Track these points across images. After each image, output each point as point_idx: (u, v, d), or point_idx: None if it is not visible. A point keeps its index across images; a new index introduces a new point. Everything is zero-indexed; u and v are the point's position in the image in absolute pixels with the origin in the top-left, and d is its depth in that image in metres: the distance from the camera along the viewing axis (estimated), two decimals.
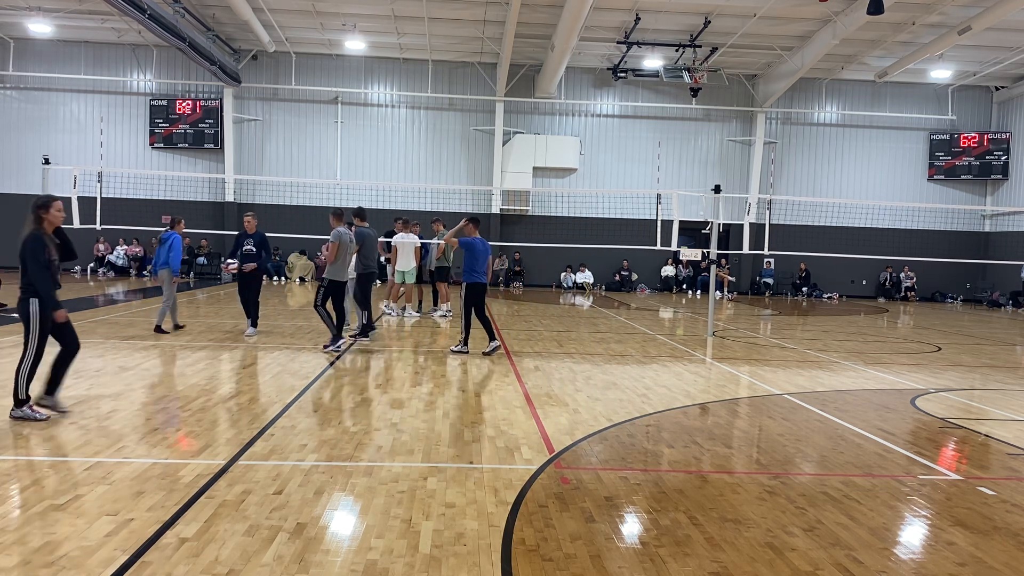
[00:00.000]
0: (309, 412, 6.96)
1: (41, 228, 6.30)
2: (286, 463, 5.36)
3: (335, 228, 10.65)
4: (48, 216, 6.33)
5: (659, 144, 27.48)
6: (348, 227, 11.16)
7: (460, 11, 21.95)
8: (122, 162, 26.00)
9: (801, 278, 27.44)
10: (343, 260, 10.69)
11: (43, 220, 6.32)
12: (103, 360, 9.19)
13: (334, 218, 10.84)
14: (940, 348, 13.61)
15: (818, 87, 27.50)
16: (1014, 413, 8.14)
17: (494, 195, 26.54)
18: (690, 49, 23.51)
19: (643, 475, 5.42)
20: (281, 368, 9.19)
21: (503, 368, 9.72)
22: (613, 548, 4.10)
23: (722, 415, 7.62)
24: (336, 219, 10.80)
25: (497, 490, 4.95)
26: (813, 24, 22.14)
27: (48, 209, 6.34)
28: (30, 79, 26.00)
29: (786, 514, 4.71)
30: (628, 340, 13.08)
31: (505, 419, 6.94)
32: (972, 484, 5.50)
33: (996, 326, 18.79)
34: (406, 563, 3.80)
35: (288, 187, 25.94)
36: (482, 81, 26.59)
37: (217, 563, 3.71)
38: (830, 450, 6.30)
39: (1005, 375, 10.87)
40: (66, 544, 3.86)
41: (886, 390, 9.22)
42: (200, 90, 26.50)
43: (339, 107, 26.70)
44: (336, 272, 10.66)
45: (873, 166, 27.95)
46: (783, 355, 12.02)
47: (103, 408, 6.81)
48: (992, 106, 28.14)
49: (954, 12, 20.59)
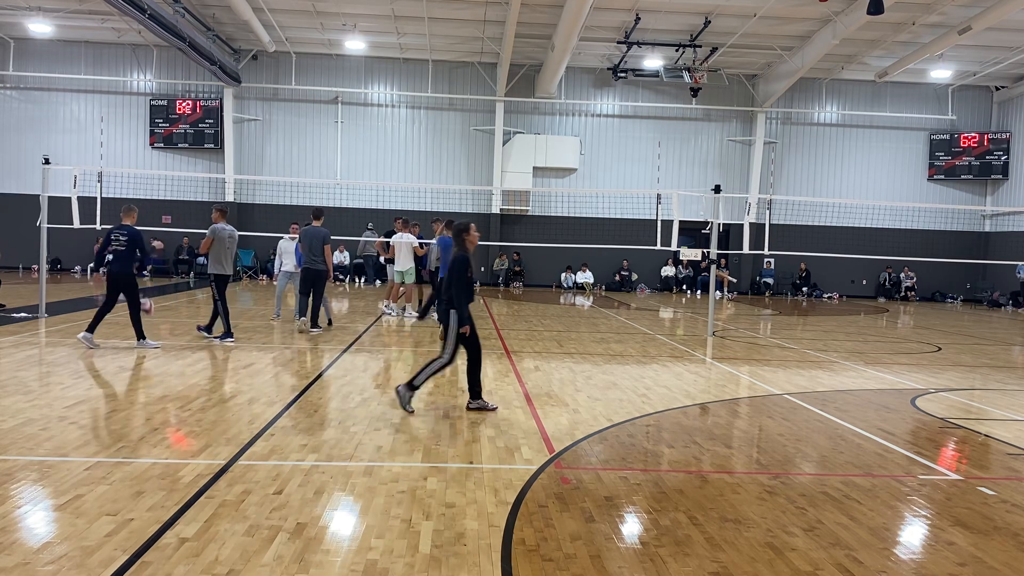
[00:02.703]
0: (309, 412, 6.96)
1: (466, 249, 7.10)
2: (286, 463, 5.36)
3: (215, 223, 11.18)
4: (469, 238, 7.13)
5: (659, 144, 27.48)
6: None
7: (460, 11, 21.95)
8: (122, 162, 26.00)
9: (801, 278, 27.45)
10: (220, 254, 11.12)
11: (465, 242, 7.11)
12: (103, 360, 9.19)
13: (217, 213, 11.35)
14: (940, 348, 13.61)
15: (818, 87, 27.50)
16: (1014, 413, 8.14)
17: (494, 195, 26.54)
18: (690, 49, 23.51)
19: (643, 475, 5.42)
20: (281, 368, 9.19)
21: (503, 368, 9.71)
22: (613, 548, 4.10)
23: (722, 415, 7.62)
24: (219, 215, 11.34)
25: (497, 490, 4.95)
26: (813, 24, 22.14)
27: (469, 232, 7.14)
28: (30, 79, 26.00)
29: (786, 514, 4.71)
30: (628, 340, 13.08)
31: (505, 419, 6.94)
32: (972, 484, 5.50)
33: (996, 326, 18.79)
34: (406, 563, 3.80)
35: (288, 187, 25.95)
36: (482, 81, 26.59)
37: (217, 563, 3.71)
38: (830, 450, 6.30)
39: (1005, 375, 10.87)
40: (66, 544, 3.86)
41: (886, 390, 9.22)
42: (200, 90, 26.50)
43: (339, 107, 26.70)
44: (215, 266, 11.16)
45: (873, 166, 27.95)
46: (783, 355, 12.02)
47: (103, 408, 6.81)
48: (992, 106, 28.14)
49: (954, 12, 20.58)
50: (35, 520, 4.21)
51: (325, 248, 12.36)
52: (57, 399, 7.10)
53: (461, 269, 6.96)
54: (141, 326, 10.39)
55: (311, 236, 12.33)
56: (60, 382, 7.90)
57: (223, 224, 11.21)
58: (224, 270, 11.21)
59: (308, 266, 12.37)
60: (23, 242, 22.17)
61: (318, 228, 12.39)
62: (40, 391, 7.43)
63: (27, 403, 6.86)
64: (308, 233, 12.37)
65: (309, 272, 12.39)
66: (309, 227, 12.44)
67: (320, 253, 12.33)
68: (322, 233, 12.33)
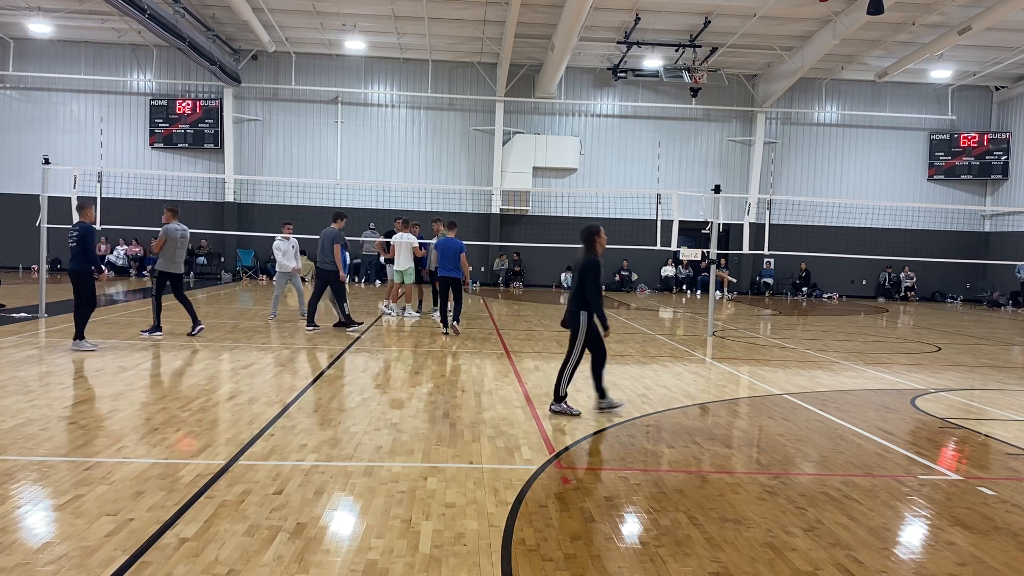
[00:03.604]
0: (309, 412, 6.96)
1: (596, 252, 7.19)
2: (286, 463, 5.36)
3: (167, 223, 11.37)
4: (599, 240, 7.22)
5: (659, 144, 27.48)
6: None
7: (460, 11, 21.94)
8: (122, 162, 25.99)
9: (801, 278, 27.45)
10: (172, 253, 11.34)
11: (595, 245, 7.20)
12: (103, 360, 9.19)
13: (168, 213, 11.53)
14: (940, 348, 13.60)
15: (818, 87, 27.50)
16: (1014, 413, 8.14)
17: (494, 195, 26.53)
18: (690, 49, 23.50)
19: (643, 475, 5.42)
20: (281, 368, 9.19)
21: (503, 368, 9.71)
22: (613, 548, 4.10)
23: (722, 415, 7.62)
24: (171, 214, 11.51)
25: (497, 490, 4.95)
26: (813, 24, 22.14)
27: (599, 235, 7.23)
28: (30, 79, 25.99)
29: (786, 514, 4.71)
30: (628, 340, 13.08)
31: (505, 419, 6.94)
32: (972, 484, 5.50)
33: (996, 326, 18.79)
34: (406, 563, 3.80)
35: (288, 187, 25.95)
36: (482, 81, 26.59)
37: (217, 563, 3.71)
38: (830, 450, 6.30)
39: (1005, 375, 10.87)
40: (66, 544, 3.86)
41: (886, 390, 9.22)
42: (200, 90, 26.49)
43: (339, 107, 26.69)
44: (166, 264, 11.36)
45: (873, 166, 27.94)
46: (783, 355, 12.02)
47: (103, 408, 6.81)
48: (992, 106, 28.14)
49: (954, 12, 20.58)
50: (35, 520, 4.21)
51: (335, 248, 12.64)
52: (57, 399, 7.10)
53: (595, 273, 7.07)
54: (83, 326, 9.98)
55: (323, 236, 12.84)
56: (60, 382, 7.91)
57: (175, 224, 11.44)
58: (176, 269, 11.43)
59: (320, 266, 12.90)
60: (23, 242, 22.19)
61: (328, 228, 12.88)
62: (40, 391, 7.43)
63: (27, 403, 6.86)
64: (323, 234, 12.89)
65: (320, 272, 12.91)
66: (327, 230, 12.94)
67: (330, 252, 12.68)
68: (331, 233, 12.77)
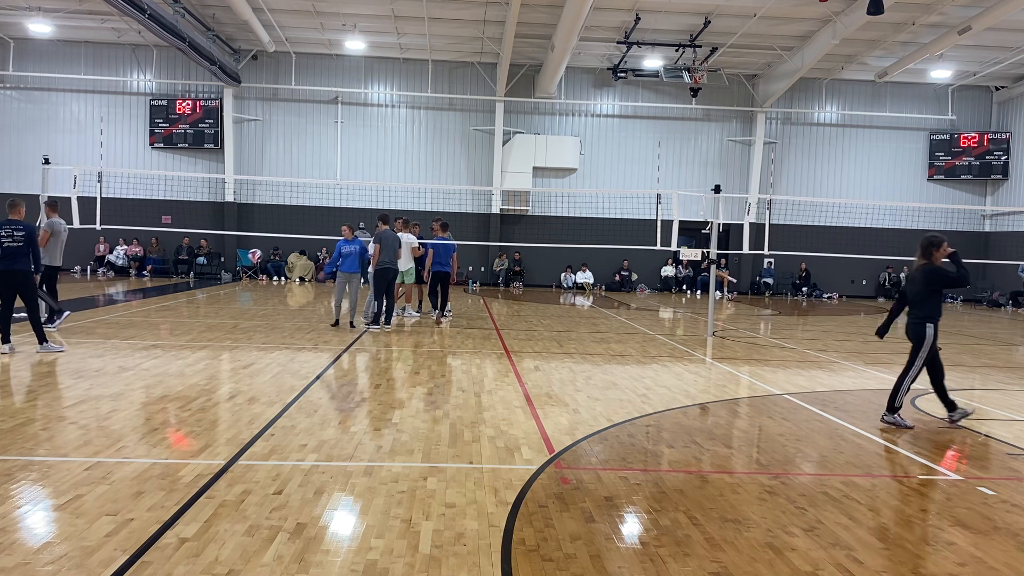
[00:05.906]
0: (309, 412, 6.96)
1: (934, 262, 7.28)
2: (286, 463, 5.36)
3: (49, 218, 11.75)
4: (939, 253, 7.30)
5: (659, 144, 27.48)
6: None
7: (460, 11, 21.94)
8: (122, 162, 25.99)
9: (801, 278, 27.44)
10: (56, 248, 11.68)
11: (934, 256, 7.29)
12: (103, 360, 9.19)
13: (49, 208, 11.89)
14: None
15: (818, 87, 27.50)
16: (1014, 413, 8.14)
17: (494, 195, 26.53)
18: (690, 49, 23.49)
19: (643, 475, 5.42)
20: (281, 368, 9.19)
21: (503, 368, 9.71)
22: (613, 548, 4.10)
23: (722, 415, 7.62)
24: (51, 209, 11.86)
25: (497, 490, 4.95)
26: (813, 24, 22.13)
27: (942, 248, 7.31)
28: (30, 79, 25.99)
29: (786, 514, 4.71)
30: (628, 340, 13.08)
31: (505, 419, 6.94)
32: (972, 484, 5.50)
33: (996, 326, 18.79)
34: (406, 563, 3.81)
35: (288, 187, 25.94)
36: (482, 81, 26.59)
37: (217, 563, 3.71)
38: (830, 450, 6.30)
39: (1005, 375, 10.87)
40: (66, 544, 3.86)
41: (886, 390, 9.20)
42: (200, 90, 26.49)
43: (339, 107, 26.69)
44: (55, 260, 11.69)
45: (873, 166, 27.94)
46: (783, 355, 12.02)
47: (103, 408, 6.81)
48: (992, 106, 28.13)
49: (954, 12, 20.58)
50: (35, 520, 4.20)
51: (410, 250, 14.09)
52: (57, 399, 7.10)
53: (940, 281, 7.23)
54: (41, 328, 9.71)
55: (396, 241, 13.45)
56: (60, 382, 7.91)
57: (56, 218, 11.75)
58: (57, 262, 11.72)
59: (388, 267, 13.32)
60: None
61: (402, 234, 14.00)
62: (40, 391, 7.43)
63: (27, 403, 6.86)
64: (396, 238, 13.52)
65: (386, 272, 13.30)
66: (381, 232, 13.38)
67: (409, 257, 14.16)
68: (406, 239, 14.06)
